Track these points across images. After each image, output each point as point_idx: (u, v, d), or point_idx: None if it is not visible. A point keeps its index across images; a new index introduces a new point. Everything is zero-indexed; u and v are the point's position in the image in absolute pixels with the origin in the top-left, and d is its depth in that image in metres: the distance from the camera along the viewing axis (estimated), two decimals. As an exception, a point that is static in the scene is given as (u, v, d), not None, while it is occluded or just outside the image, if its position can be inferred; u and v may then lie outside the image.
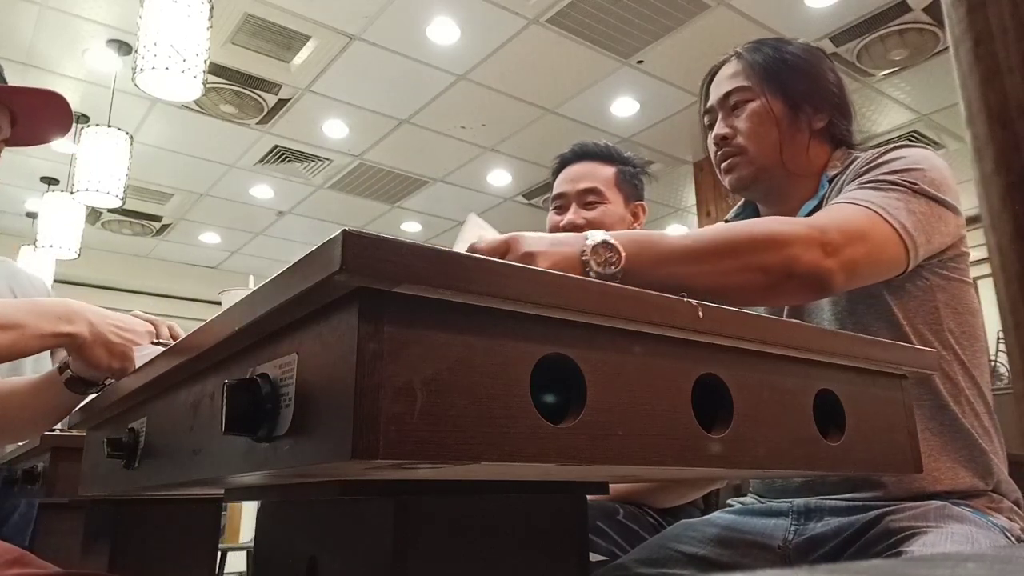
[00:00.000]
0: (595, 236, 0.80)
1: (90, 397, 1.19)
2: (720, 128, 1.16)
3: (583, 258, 0.78)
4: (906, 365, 0.75)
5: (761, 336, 0.61)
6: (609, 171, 1.60)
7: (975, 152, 0.24)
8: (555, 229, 1.57)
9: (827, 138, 1.15)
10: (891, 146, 1.04)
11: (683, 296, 0.56)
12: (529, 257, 0.76)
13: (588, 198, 1.56)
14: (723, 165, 1.17)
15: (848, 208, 0.93)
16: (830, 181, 1.10)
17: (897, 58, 3.94)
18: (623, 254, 0.79)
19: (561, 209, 1.58)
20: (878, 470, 0.72)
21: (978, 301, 1.06)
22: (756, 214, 1.24)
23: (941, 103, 4.36)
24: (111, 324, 1.10)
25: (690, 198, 5.49)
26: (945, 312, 1.02)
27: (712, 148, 1.19)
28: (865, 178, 0.99)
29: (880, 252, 0.90)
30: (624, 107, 4.50)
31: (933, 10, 3.55)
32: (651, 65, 4.07)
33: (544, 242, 0.78)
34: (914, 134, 4.70)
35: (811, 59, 1.17)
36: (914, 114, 4.49)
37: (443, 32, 3.77)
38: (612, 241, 0.80)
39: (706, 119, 1.23)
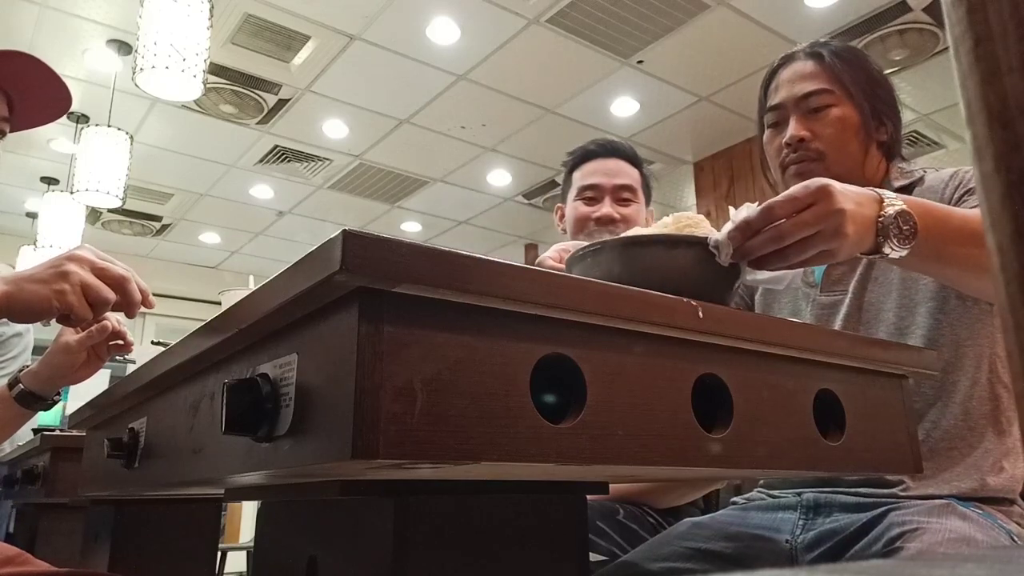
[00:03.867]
0: (892, 203, 0.76)
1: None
2: (797, 129, 1.11)
3: (880, 223, 0.75)
4: (906, 365, 0.75)
5: (761, 336, 0.61)
6: (636, 172, 1.61)
7: (975, 152, 0.24)
8: (586, 220, 1.55)
9: (884, 150, 1.13)
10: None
11: (683, 296, 0.56)
12: (840, 215, 0.71)
13: (624, 194, 1.57)
14: (794, 168, 1.11)
15: None
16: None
17: (897, 58, 3.94)
18: (918, 228, 0.75)
19: (593, 200, 1.57)
20: (878, 470, 0.72)
21: None
22: None
23: (941, 103, 4.36)
24: (25, 274, 0.98)
25: (690, 198, 5.49)
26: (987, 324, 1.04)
27: (778, 150, 1.13)
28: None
29: None
30: (624, 107, 4.49)
31: (933, 10, 3.55)
32: (651, 65, 4.07)
33: (850, 200, 0.73)
34: (914, 134, 4.70)
35: (880, 69, 1.13)
36: (914, 114, 4.48)
37: (443, 32, 3.77)
38: (910, 212, 0.75)
39: (769, 117, 1.17)
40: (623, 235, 0.74)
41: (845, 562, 0.93)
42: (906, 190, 1.08)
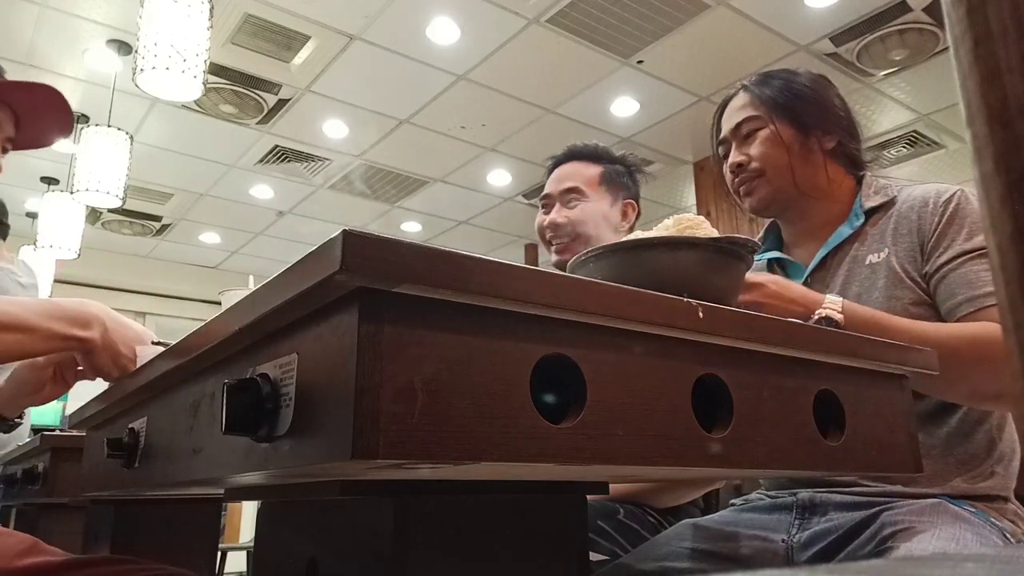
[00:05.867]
0: (828, 306, 0.94)
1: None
2: (735, 156, 1.23)
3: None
4: (906, 365, 0.75)
5: (761, 336, 0.61)
6: (594, 170, 1.62)
7: (975, 152, 0.24)
8: (540, 229, 1.63)
9: (840, 158, 1.21)
10: (950, 199, 1.08)
11: (683, 296, 0.56)
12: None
13: (569, 197, 1.60)
14: (742, 189, 1.23)
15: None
16: (866, 212, 1.15)
17: (897, 58, 3.94)
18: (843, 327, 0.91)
19: (547, 208, 1.63)
20: (878, 470, 0.72)
21: None
22: (780, 239, 1.29)
23: (941, 103, 4.36)
24: (123, 334, 1.09)
25: (690, 198, 5.49)
26: None
27: (729, 176, 1.26)
28: (960, 248, 1.04)
29: None
30: (624, 107, 4.49)
31: (933, 10, 3.55)
32: (651, 65, 4.07)
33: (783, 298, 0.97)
34: (914, 134, 4.70)
35: (817, 87, 1.24)
36: (914, 114, 4.48)
37: (443, 32, 3.77)
38: (838, 319, 0.92)
39: (720, 150, 1.30)
40: (625, 239, 0.74)
41: (840, 562, 0.93)
42: (878, 211, 1.14)
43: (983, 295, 0.99)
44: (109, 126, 3.63)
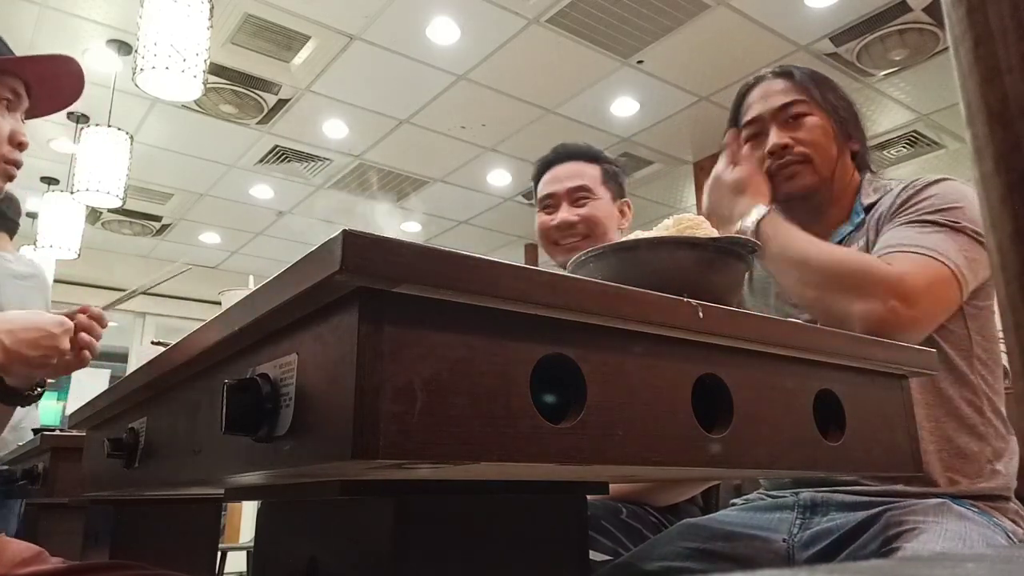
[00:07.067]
0: (758, 213, 1.04)
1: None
2: (779, 138, 1.16)
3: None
4: (906, 365, 0.75)
5: (761, 336, 0.61)
6: (595, 169, 1.63)
7: (975, 152, 0.24)
8: (547, 229, 1.59)
9: (858, 161, 1.20)
10: (926, 181, 1.08)
11: (683, 296, 0.56)
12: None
13: (578, 195, 1.59)
14: (784, 172, 1.16)
15: (915, 258, 0.98)
16: (865, 209, 1.14)
17: (897, 58, 3.94)
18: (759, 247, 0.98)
19: (551, 208, 1.61)
20: (878, 470, 0.72)
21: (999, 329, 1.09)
22: None
23: (941, 103, 4.36)
24: (24, 339, 1.09)
25: (690, 198, 5.49)
26: (975, 339, 1.06)
27: (764, 158, 1.19)
28: (909, 216, 1.03)
29: (946, 296, 0.96)
30: (624, 107, 4.49)
31: (933, 10, 3.55)
32: (651, 65, 4.07)
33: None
34: (914, 134, 4.70)
35: (839, 86, 1.22)
36: (914, 114, 4.48)
37: (443, 32, 3.77)
38: (762, 225, 1.03)
39: (747, 131, 1.22)
40: (624, 239, 0.74)
41: (841, 561, 0.94)
42: (875, 206, 1.14)
43: (903, 244, 0.99)
44: (109, 126, 3.63)
